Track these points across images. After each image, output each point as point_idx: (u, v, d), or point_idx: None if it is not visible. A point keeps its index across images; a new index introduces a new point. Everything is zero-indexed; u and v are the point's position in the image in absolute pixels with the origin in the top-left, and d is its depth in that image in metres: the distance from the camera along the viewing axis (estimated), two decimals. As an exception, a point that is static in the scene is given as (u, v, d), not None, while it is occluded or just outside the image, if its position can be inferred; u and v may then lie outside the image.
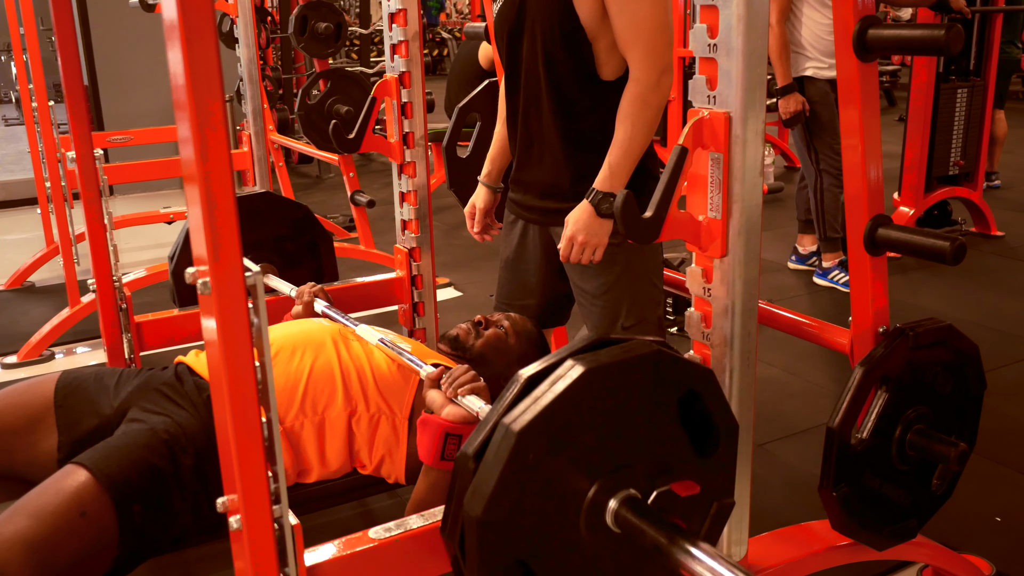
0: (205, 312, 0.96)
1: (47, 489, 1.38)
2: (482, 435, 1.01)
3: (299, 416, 1.60)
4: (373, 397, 1.64)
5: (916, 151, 4.18)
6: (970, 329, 1.61)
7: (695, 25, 1.28)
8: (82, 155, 2.04)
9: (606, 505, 1.05)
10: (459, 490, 1.01)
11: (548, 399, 0.98)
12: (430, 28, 13.86)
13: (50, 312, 3.50)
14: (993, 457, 2.37)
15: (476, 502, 0.97)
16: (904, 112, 4.61)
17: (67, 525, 1.34)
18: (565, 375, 1.00)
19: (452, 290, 4.02)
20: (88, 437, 1.57)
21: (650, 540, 1.01)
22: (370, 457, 1.65)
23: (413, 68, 2.23)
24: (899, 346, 1.50)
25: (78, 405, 1.62)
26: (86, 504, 1.36)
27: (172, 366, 1.70)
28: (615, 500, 1.05)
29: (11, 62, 6.73)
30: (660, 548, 1.00)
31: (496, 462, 0.97)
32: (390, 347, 1.69)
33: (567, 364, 1.01)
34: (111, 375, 1.69)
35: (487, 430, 1.01)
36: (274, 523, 1.04)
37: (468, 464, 1.01)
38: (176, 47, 0.87)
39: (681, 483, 1.10)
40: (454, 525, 1.02)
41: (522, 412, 0.98)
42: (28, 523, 1.32)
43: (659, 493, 1.07)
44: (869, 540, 1.57)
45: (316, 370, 1.64)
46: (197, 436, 1.53)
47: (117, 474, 1.41)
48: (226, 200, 0.91)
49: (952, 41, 1.31)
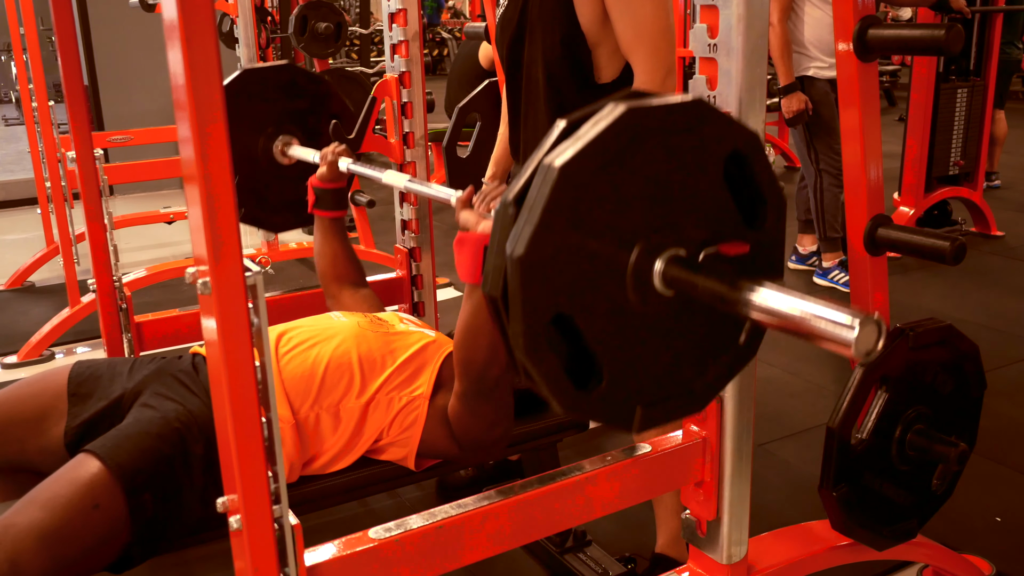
0: (205, 312, 0.96)
1: (59, 479, 1.38)
2: (522, 180, 0.96)
3: (314, 407, 1.59)
4: (395, 383, 1.63)
5: (916, 151, 4.18)
6: (970, 329, 1.61)
7: (695, 25, 1.28)
8: (82, 155, 2.04)
9: (652, 264, 0.99)
10: (500, 240, 0.96)
11: (591, 135, 0.93)
12: (431, 28, 13.85)
13: (50, 312, 3.50)
14: (993, 457, 2.37)
15: (519, 242, 0.92)
16: (904, 112, 4.61)
17: (80, 517, 1.34)
18: (607, 115, 0.95)
19: (452, 290, 4.02)
20: (95, 419, 1.57)
21: (707, 292, 0.96)
22: (384, 441, 1.65)
23: (413, 68, 2.23)
24: (899, 346, 1.50)
25: (91, 392, 1.61)
26: (99, 496, 1.36)
27: (188, 355, 1.70)
28: (661, 260, 0.99)
29: (11, 62, 6.72)
30: (722, 297, 0.95)
31: (538, 200, 0.92)
32: (418, 185, 1.74)
33: (609, 106, 0.96)
34: (124, 363, 1.69)
35: (527, 174, 0.96)
36: (274, 523, 1.04)
37: (508, 211, 0.96)
38: (176, 47, 0.88)
39: (729, 244, 1.04)
40: (496, 275, 0.96)
41: (564, 150, 0.94)
42: (41, 515, 1.31)
43: (707, 254, 1.01)
44: (869, 540, 1.58)
45: (334, 360, 1.63)
46: (208, 426, 1.52)
47: (128, 463, 1.41)
48: (226, 200, 0.92)
49: (952, 41, 1.31)
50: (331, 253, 2.10)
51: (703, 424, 1.41)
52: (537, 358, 0.96)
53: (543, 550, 2.01)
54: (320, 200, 2.08)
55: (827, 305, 0.88)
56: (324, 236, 2.11)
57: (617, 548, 1.98)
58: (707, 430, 1.41)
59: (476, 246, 1.41)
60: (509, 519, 1.29)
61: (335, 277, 2.10)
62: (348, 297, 2.07)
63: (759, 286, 0.93)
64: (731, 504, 1.42)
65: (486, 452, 1.64)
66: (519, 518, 1.29)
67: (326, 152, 2.05)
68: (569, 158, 0.93)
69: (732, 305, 0.95)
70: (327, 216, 2.10)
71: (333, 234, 2.11)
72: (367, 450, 1.65)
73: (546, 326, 0.95)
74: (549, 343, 0.96)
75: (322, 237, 2.12)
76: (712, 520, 1.43)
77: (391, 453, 1.65)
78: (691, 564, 1.50)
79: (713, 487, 1.41)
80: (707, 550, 1.46)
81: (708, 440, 1.41)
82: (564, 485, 1.32)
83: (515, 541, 1.32)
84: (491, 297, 0.97)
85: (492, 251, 0.98)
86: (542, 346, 0.95)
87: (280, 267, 4.20)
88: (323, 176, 2.05)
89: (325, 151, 2.06)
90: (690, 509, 1.47)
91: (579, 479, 1.33)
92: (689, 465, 1.42)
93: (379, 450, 1.66)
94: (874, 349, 0.85)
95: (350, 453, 1.63)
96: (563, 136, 0.97)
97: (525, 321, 0.94)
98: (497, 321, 0.99)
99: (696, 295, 0.98)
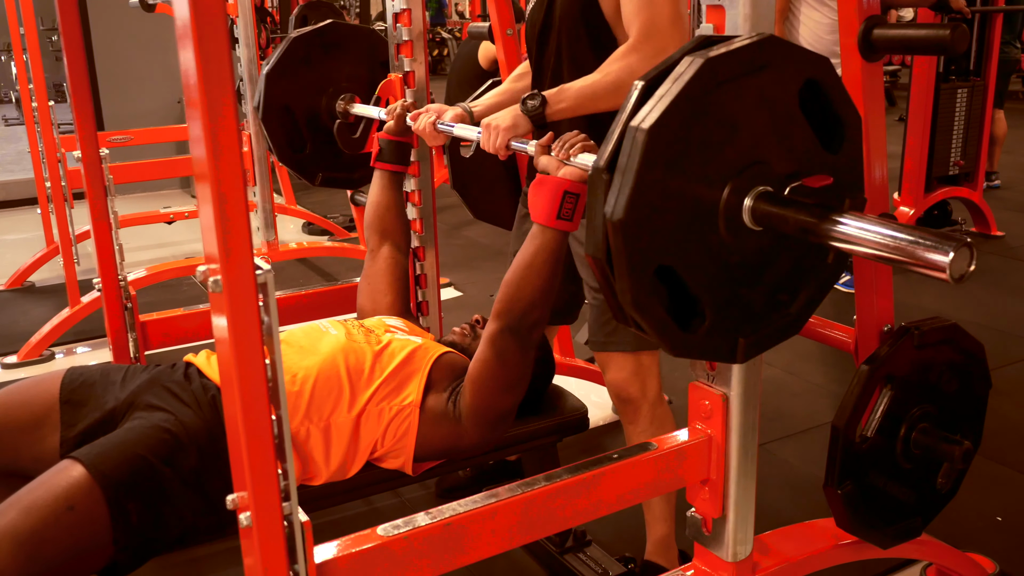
0: (216, 310, 0.96)
1: (40, 483, 1.39)
2: (611, 146, 1.00)
3: (304, 422, 1.59)
4: (383, 393, 1.63)
5: (916, 151, 4.18)
6: (970, 329, 1.61)
7: (701, 24, 1.28)
8: (87, 153, 2.04)
9: (742, 203, 1.04)
10: (597, 205, 1.00)
11: (673, 94, 0.97)
12: (434, 28, 13.84)
13: (50, 312, 3.50)
14: (994, 457, 2.38)
15: (616, 206, 0.97)
16: (904, 112, 4.61)
17: (54, 518, 1.34)
18: (684, 71, 0.98)
19: (452, 290, 4.02)
20: (90, 431, 1.57)
21: (796, 224, 1.00)
22: (379, 452, 1.65)
23: (417, 68, 2.23)
24: (904, 345, 1.50)
25: (83, 400, 1.61)
26: (75, 498, 1.36)
27: (181, 364, 1.70)
28: (750, 198, 1.04)
29: (11, 62, 6.72)
30: (810, 229, 0.99)
31: (630, 164, 0.97)
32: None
33: (684, 61, 1.00)
34: (117, 371, 1.68)
35: (615, 139, 1.00)
36: (284, 520, 1.04)
37: (602, 176, 1.00)
38: (188, 47, 0.88)
39: (812, 177, 1.08)
40: (600, 239, 1.01)
41: (648, 112, 0.97)
42: (17, 516, 1.33)
43: (792, 188, 1.06)
44: (873, 538, 1.58)
45: (322, 374, 1.63)
46: (200, 436, 1.53)
47: (112, 470, 1.41)
48: (237, 197, 0.92)
49: (958, 41, 1.32)
50: (384, 203, 2.13)
51: (709, 422, 1.42)
52: (645, 309, 1.01)
53: (543, 550, 2.01)
54: (383, 152, 2.13)
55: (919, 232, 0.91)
56: (379, 188, 2.15)
57: (617, 548, 1.98)
58: (713, 428, 1.41)
59: (556, 189, 1.45)
60: (515, 517, 1.29)
61: (380, 230, 2.13)
62: (383, 258, 2.10)
63: (848, 217, 0.97)
64: (736, 502, 1.42)
65: (489, 429, 1.63)
66: (525, 516, 1.30)
67: (394, 106, 2.11)
68: (656, 119, 0.96)
69: (822, 236, 0.99)
70: (388, 168, 2.14)
71: (390, 187, 2.15)
72: (365, 463, 1.65)
73: (650, 279, 1.01)
74: (654, 293, 1.02)
75: (378, 188, 2.15)
76: (718, 518, 1.44)
77: (388, 463, 1.66)
78: (696, 562, 1.50)
79: (719, 485, 1.42)
80: (712, 548, 1.46)
81: (714, 438, 1.41)
82: (572, 483, 1.33)
83: (521, 539, 1.32)
84: (596, 259, 1.03)
85: (590, 216, 1.03)
86: (648, 298, 1.01)
87: (280, 267, 4.20)
88: (390, 129, 2.11)
89: (393, 105, 2.12)
90: (696, 507, 1.47)
91: (586, 477, 1.34)
92: (695, 463, 1.42)
93: (377, 460, 1.66)
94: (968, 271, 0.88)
95: (350, 469, 1.63)
96: (643, 97, 1.00)
97: (631, 277, 0.99)
98: (603, 280, 1.04)
99: (786, 229, 1.03)
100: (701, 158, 1.01)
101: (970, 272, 0.89)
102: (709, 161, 1.02)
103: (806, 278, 1.14)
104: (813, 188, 1.08)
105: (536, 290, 1.52)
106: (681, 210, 1.01)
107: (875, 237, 0.94)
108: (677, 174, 0.99)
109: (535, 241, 1.51)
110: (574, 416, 1.94)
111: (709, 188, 1.03)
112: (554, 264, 1.51)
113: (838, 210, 0.98)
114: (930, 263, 0.89)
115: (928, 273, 0.90)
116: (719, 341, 1.09)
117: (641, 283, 1.00)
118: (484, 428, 1.63)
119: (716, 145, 1.02)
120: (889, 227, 0.93)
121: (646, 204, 0.97)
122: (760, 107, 1.04)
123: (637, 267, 0.99)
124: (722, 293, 1.06)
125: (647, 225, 0.98)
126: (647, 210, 0.98)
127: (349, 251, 4.11)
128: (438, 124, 1.89)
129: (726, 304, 1.07)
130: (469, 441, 1.64)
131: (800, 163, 1.08)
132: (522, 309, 1.54)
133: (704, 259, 1.04)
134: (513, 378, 1.60)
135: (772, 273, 1.11)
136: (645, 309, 1.01)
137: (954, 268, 0.88)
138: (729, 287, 1.07)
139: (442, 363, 1.70)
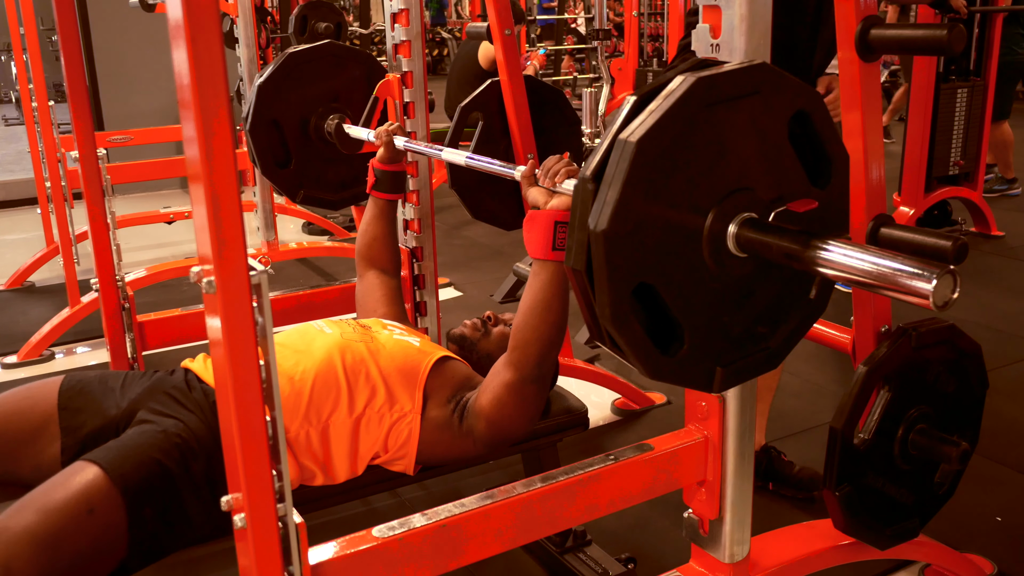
0: (210, 311, 0.96)
1: (56, 484, 1.37)
2: (599, 156, 0.99)
3: (304, 425, 1.58)
4: (382, 398, 1.63)
5: (916, 151, 4.18)
6: (970, 329, 1.61)
7: (698, 25, 1.28)
8: (85, 154, 2.04)
9: (726, 230, 1.03)
10: (581, 215, 0.99)
11: (664, 109, 0.97)
12: (433, 28, 13.83)
13: (50, 312, 3.49)
14: (993, 457, 2.38)
15: (600, 216, 0.96)
16: (904, 112, 4.60)
17: (74, 522, 1.33)
18: (677, 88, 0.98)
19: (452, 290, 4.02)
20: (92, 437, 1.56)
21: (779, 251, 1.00)
22: (382, 459, 1.64)
23: (415, 68, 2.23)
24: (902, 346, 1.50)
25: (82, 407, 1.60)
26: (94, 501, 1.35)
27: (180, 370, 1.69)
28: (734, 224, 1.03)
29: (11, 62, 6.72)
30: (793, 255, 0.98)
31: (617, 175, 0.96)
32: (478, 161, 1.74)
33: (677, 79, 0.99)
34: (116, 377, 1.67)
35: (603, 150, 0.99)
36: (278, 521, 1.04)
37: (587, 186, 0.99)
38: (181, 46, 0.88)
39: (798, 202, 1.08)
40: (580, 249, 1.00)
41: (638, 125, 0.97)
42: (35, 518, 1.31)
43: (777, 213, 1.06)
44: (871, 539, 1.58)
45: (320, 375, 1.62)
46: (207, 441, 1.52)
47: (131, 473, 1.40)
48: (231, 198, 0.92)
49: (955, 41, 1.32)
50: (372, 234, 2.13)
51: (705, 424, 1.42)
52: (623, 326, 1.00)
53: (543, 550, 2.01)
54: (379, 182, 2.12)
55: (902, 259, 0.91)
56: (372, 216, 2.14)
57: (617, 548, 1.98)
58: (709, 430, 1.41)
59: (547, 222, 1.43)
60: (512, 518, 1.29)
61: (368, 258, 2.13)
62: (370, 281, 2.10)
63: (831, 244, 0.96)
64: (733, 503, 1.42)
65: (501, 447, 1.64)
66: (522, 517, 1.30)
67: (381, 131, 2.08)
68: (645, 132, 0.96)
69: (806, 263, 0.98)
70: (383, 198, 2.13)
71: (381, 216, 2.14)
72: (363, 468, 1.65)
73: (630, 295, 0.99)
74: (633, 311, 1.00)
75: (370, 217, 2.15)
76: (714, 519, 1.44)
77: (392, 467, 1.66)
78: (693, 563, 1.50)
79: (716, 487, 1.42)
80: (709, 549, 1.46)
81: (711, 439, 1.41)
82: (567, 484, 1.32)
83: (518, 540, 1.32)
84: (575, 270, 1.01)
85: (574, 226, 1.01)
86: (627, 315, 1.00)
87: (280, 267, 4.20)
88: (383, 158, 2.09)
89: (380, 130, 2.09)
90: (692, 508, 1.47)
91: (583, 478, 1.33)
92: (692, 464, 1.42)
93: (380, 465, 1.66)
94: (951, 298, 0.88)
95: (350, 473, 1.63)
96: (634, 111, 0.99)
97: (611, 292, 0.98)
98: (582, 293, 1.03)
99: (769, 256, 1.02)
100: (688, 177, 1.00)
101: (953, 299, 0.88)
102: (696, 182, 1.01)
103: (788, 312, 1.13)
104: (798, 214, 1.07)
105: (550, 326, 1.51)
106: (666, 228, 1.00)
107: (859, 264, 0.94)
108: (663, 190, 0.99)
109: (537, 278, 1.50)
110: (574, 416, 1.94)
111: (694, 210, 1.02)
112: (562, 296, 1.50)
113: (823, 235, 0.97)
114: (913, 290, 0.89)
115: (912, 301, 0.90)
116: (696, 368, 1.07)
117: (621, 298, 0.98)
118: (496, 448, 1.65)
119: (704, 166, 1.01)
120: (873, 254, 0.93)
121: (631, 217, 0.96)
122: (749, 133, 1.03)
123: (618, 281, 0.98)
124: (702, 318, 1.05)
125: (631, 239, 0.97)
126: (632, 224, 0.97)
127: (349, 251, 4.10)
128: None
129: (706, 330, 1.06)
130: (476, 455, 1.65)
131: (785, 194, 1.08)
132: (538, 354, 1.53)
133: (686, 281, 1.03)
134: (533, 413, 1.61)
135: (754, 303, 1.10)
136: (623, 326, 0.99)
137: (937, 296, 0.87)
138: (710, 313, 1.06)
139: (442, 369, 1.69)
